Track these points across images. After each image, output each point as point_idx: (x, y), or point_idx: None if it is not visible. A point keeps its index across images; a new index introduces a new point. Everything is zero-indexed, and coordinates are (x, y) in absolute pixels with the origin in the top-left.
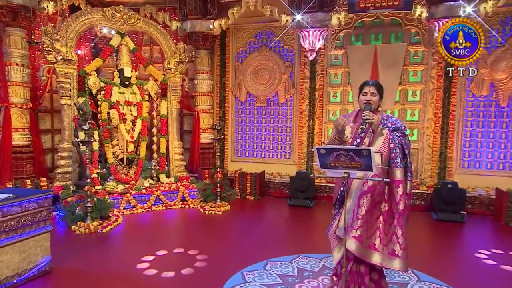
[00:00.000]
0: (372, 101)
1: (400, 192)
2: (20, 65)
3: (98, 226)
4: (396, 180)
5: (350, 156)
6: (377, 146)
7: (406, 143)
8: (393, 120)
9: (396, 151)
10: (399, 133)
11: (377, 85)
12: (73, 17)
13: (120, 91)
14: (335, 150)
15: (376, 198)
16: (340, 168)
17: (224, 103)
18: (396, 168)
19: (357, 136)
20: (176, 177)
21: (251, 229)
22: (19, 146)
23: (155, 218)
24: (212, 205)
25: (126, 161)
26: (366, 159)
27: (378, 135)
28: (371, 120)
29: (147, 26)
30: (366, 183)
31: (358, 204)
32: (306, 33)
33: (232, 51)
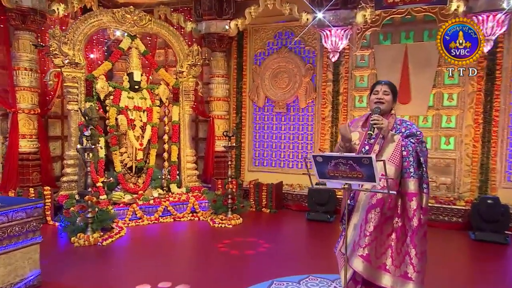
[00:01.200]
0: (384, 100)
1: (413, 206)
2: (29, 69)
3: (99, 238)
4: (409, 193)
5: (349, 165)
6: (388, 154)
7: (422, 151)
8: (407, 124)
9: (410, 160)
10: (414, 139)
11: (391, 84)
12: (82, 19)
13: (129, 96)
14: (333, 158)
15: (387, 213)
16: (340, 178)
17: (240, 108)
18: (409, 179)
19: (366, 142)
20: (188, 188)
21: (261, 244)
22: (26, 153)
23: (160, 231)
24: (222, 218)
25: (135, 170)
26: (368, 168)
27: (388, 141)
28: (380, 125)
29: (158, 28)
30: (374, 196)
31: (366, 219)
32: (328, 33)
33: (250, 53)
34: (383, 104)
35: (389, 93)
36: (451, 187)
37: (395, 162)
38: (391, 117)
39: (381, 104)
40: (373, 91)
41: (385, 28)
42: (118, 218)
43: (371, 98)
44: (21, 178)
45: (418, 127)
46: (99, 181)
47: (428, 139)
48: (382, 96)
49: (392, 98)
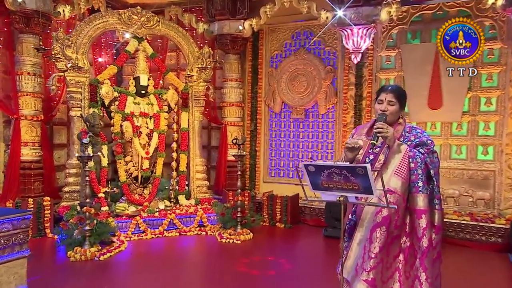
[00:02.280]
0: (389, 111)
1: (423, 225)
2: (32, 74)
3: (96, 252)
4: (418, 209)
5: (344, 175)
6: (394, 166)
7: (433, 162)
8: (417, 132)
9: (418, 173)
10: (424, 149)
11: (397, 91)
12: (86, 21)
13: (136, 101)
14: (325, 167)
15: (394, 232)
16: (334, 189)
17: (255, 114)
18: (417, 194)
19: (370, 152)
20: (197, 199)
21: (268, 263)
22: (28, 161)
23: (163, 246)
24: (231, 233)
25: (140, 180)
26: (363, 179)
27: (394, 152)
28: (384, 134)
29: (167, 29)
30: (380, 212)
31: (370, 239)
32: (349, 32)
33: (266, 55)
34: (387, 116)
35: (395, 103)
36: (490, 202)
37: (402, 175)
38: (399, 126)
39: (384, 115)
40: (377, 99)
41: (414, 25)
42: (120, 231)
43: (375, 108)
44: (23, 188)
45: (452, 135)
46: (101, 192)
47: (463, 148)
48: (385, 107)
49: (398, 107)
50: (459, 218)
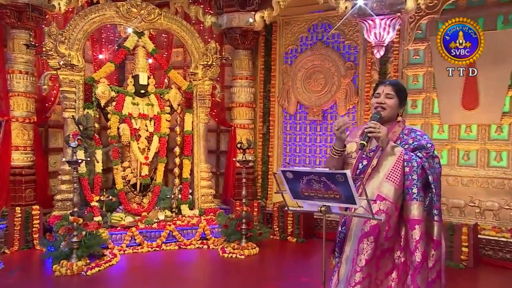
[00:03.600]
0: (386, 104)
1: (416, 237)
2: (24, 72)
3: (83, 266)
4: (411, 219)
5: (323, 182)
6: (386, 170)
7: (433, 167)
8: (416, 135)
9: (413, 178)
10: (422, 153)
11: (397, 85)
12: (81, 14)
13: (134, 101)
14: (304, 173)
15: (385, 244)
16: (316, 198)
17: (268, 116)
18: (411, 201)
19: (364, 156)
20: (201, 210)
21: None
22: (19, 167)
23: (158, 261)
24: (234, 247)
25: (140, 188)
26: (344, 187)
27: (387, 154)
28: (376, 134)
29: (169, 23)
30: (368, 221)
31: (357, 251)
32: (370, 23)
33: (279, 50)
34: (384, 110)
35: (394, 96)
36: None
37: (395, 181)
38: (397, 126)
39: (382, 110)
40: (374, 93)
41: (446, 14)
42: (114, 243)
43: (371, 102)
44: (13, 196)
45: (490, 139)
46: (94, 200)
47: (503, 154)
48: (383, 99)
49: (398, 102)
50: (498, 234)
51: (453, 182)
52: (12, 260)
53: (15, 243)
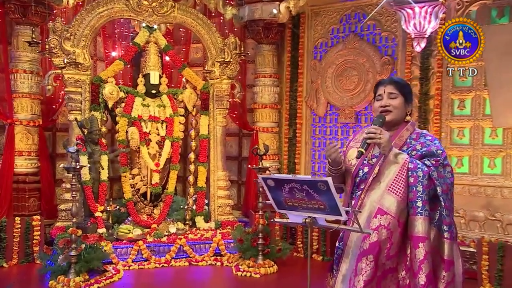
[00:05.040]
0: (391, 106)
1: (420, 256)
2: (28, 72)
3: (81, 283)
4: (415, 236)
5: (306, 191)
6: (388, 180)
7: (443, 177)
8: (426, 140)
9: (418, 190)
10: (431, 161)
11: (399, 82)
12: (88, 8)
13: (145, 103)
14: (285, 181)
15: (386, 264)
16: (300, 209)
17: (295, 118)
18: (415, 216)
19: (366, 162)
20: (218, 222)
21: None
22: (22, 174)
23: (165, 279)
24: (250, 264)
25: (150, 197)
26: (328, 196)
27: (390, 163)
28: (376, 140)
29: (184, 16)
30: (367, 238)
31: (355, 271)
32: (409, 11)
33: (308, 44)
34: (390, 113)
35: (397, 94)
36: None
37: (398, 192)
38: (405, 129)
39: (387, 113)
40: (375, 96)
41: None
42: (119, 258)
43: (374, 106)
44: (16, 205)
45: None
46: (98, 210)
47: None
48: (387, 101)
49: (403, 100)
50: None
51: (509, 195)
52: (10, 274)
53: (14, 256)
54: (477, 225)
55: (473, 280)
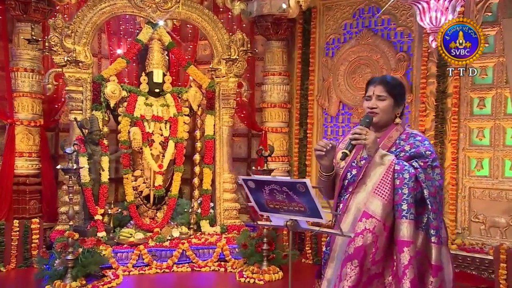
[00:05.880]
0: (379, 108)
1: (404, 261)
2: (29, 70)
3: None
4: (400, 240)
5: (285, 193)
6: (374, 182)
7: (431, 179)
8: (415, 141)
9: (403, 192)
10: (420, 163)
11: (388, 82)
12: (89, 4)
13: (148, 102)
14: (265, 182)
15: (372, 269)
16: (281, 211)
17: (305, 118)
18: (400, 220)
19: (354, 165)
20: (224, 226)
21: None
22: (23, 175)
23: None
24: (254, 270)
25: (153, 200)
26: (307, 198)
27: (376, 164)
28: (361, 142)
29: (189, 12)
30: (352, 242)
31: (340, 276)
32: (424, 5)
33: (319, 40)
34: (377, 115)
35: (386, 97)
36: None
37: (384, 195)
38: (394, 130)
39: (374, 114)
40: (365, 95)
41: None
42: (119, 263)
43: (364, 106)
44: (16, 208)
45: None
46: (98, 213)
47: None
48: (375, 103)
49: (392, 102)
50: None
51: None
52: (7, 278)
53: (12, 260)
54: (498, 231)
55: None
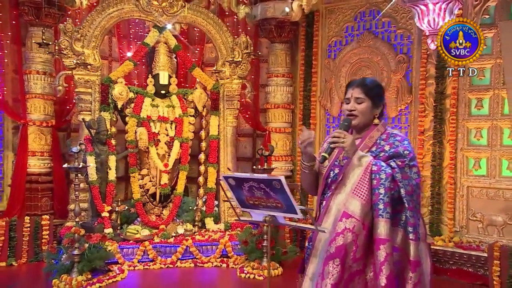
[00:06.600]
0: (357, 111)
1: (380, 258)
2: (41, 73)
3: (83, 282)
4: (377, 238)
5: (263, 189)
6: (353, 183)
7: (408, 178)
8: (395, 141)
9: (380, 192)
10: (397, 162)
11: (366, 85)
12: (98, 9)
13: (154, 103)
14: (244, 179)
15: (353, 266)
16: (260, 207)
17: (308, 119)
18: (377, 219)
19: (336, 164)
20: (228, 224)
21: None
22: (35, 174)
23: (168, 280)
24: (254, 266)
25: (160, 198)
26: (283, 195)
27: (354, 166)
28: (339, 144)
29: (194, 16)
30: (334, 241)
31: (322, 275)
32: (423, 8)
33: (322, 42)
34: (356, 118)
35: (364, 99)
36: None
37: (362, 196)
38: (375, 130)
39: (353, 117)
40: (345, 97)
41: None
42: (125, 258)
43: (343, 109)
44: (28, 205)
45: None
46: (105, 210)
47: None
48: (353, 106)
49: (370, 105)
50: None
51: None
52: (19, 272)
53: (23, 255)
54: (495, 230)
55: (484, 286)
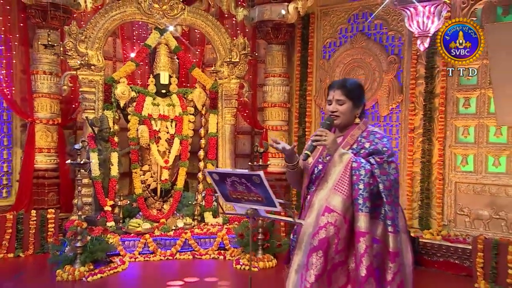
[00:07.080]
0: (339, 111)
1: (360, 250)
2: (48, 73)
3: (85, 272)
4: (357, 232)
5: (244, 184)
6: (334, 179)
7: (386, 174)
8: (375, 138)
9: (359, 188)
10: (376, 159)
11: (346, 86)
12: (101, 12)
13: (155, 102)
14: (226, 174)
15: (336, 258)
16: (243, 201)
17: (304, 117)
18: (357, 213)
19: (320, 160)
20: (226, 218)
21: None
22: (42, 169)
23: (167, 271)
24: (250, 258)
25: (160, 193)
26: (263, 189)
27: (335, 163)
28: (321, 143)
29: (194, 18)
30: (317, 234)
31: (306, 266)
32: (412, 10)
33: (317, 44)
34: (338, 118)
35: (345, 100)
36: None
37: (343, 191)
38: (356, 128)
39: (335, 117)
40: (327, 98)
41: None
42: (126, 251)
43: (326, 109)
44: (36, 199)
45: None
46: (108, 205)
47: None
48: (335, 107)
49: (351, 106)
50: None
51: None
52: (26, 263)
53: (30, 247)
54: (482, 223)
55: (469, 277)
